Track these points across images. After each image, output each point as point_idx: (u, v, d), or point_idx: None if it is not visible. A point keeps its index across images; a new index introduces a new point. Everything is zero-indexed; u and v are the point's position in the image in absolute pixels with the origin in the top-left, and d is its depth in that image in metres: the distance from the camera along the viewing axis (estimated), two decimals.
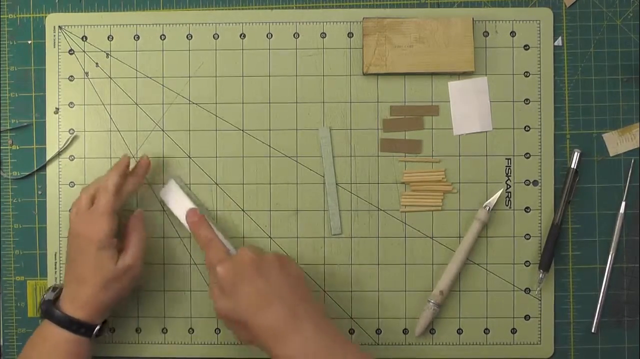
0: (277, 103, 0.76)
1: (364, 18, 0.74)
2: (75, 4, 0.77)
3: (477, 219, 0.73)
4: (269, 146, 0.76)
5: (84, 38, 0.76)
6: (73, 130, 0.76)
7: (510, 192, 0.75)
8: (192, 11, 0.77)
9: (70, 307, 0.67)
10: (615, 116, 0.75)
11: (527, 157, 0.75)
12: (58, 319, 0.67)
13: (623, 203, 0.75)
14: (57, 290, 0.69)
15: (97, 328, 0.68)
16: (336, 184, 0.75)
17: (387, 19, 0.74)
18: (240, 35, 0.76)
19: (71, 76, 0.76)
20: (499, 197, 0.75)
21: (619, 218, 0.74)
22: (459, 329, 0.75)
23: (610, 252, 0.74)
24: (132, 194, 0.73)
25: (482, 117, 0.75)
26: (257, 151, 0.76)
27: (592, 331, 0.75)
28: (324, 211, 0.75)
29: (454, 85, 0.75)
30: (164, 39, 0.76)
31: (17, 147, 0.77)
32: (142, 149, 0.76)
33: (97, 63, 0.76)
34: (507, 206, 0.75)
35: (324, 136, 0.75)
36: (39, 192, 0.76)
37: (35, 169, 0.76)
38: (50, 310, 0.67)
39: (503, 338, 0.75)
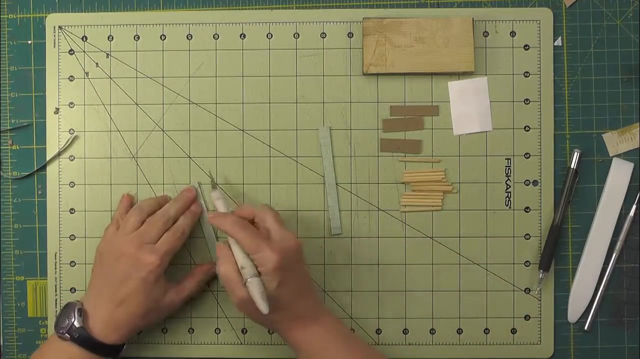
0: (277, 103, 0.76)
1: (364, 18, 0.74)
2: (75, 4, 0.77)
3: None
4: (269, 146, 0.76)
5: (84, 38, 0.76)
6: (73, 130, 0.76)
7: (510, 192, 0.75)
8: (192, 11, 0.77)
9: (103, 330, 0.67)
10: (615, 116, 0.75)
11: (527, 157, 0.75)
12: (90, 345, 0.66)
13: (622, 203, 0.75)
14: (82, 311, 0.67)
15: (124, 347, 0.69)
16: (336, 184, 0.75)
17: (387, 19, 0.74)
18: (240, 35, 0.76)
19: (71, 76, 0.76)
20: (499, 196, 0.75)
21: (627, 219, 0.74)
22: (459, 329, 0.75)
23: (615, 252, 0.74)
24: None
25: (482, 117, 0.75)
26: (257, 151, 0.76)
27: (586, 328, 0.75)
28: (324, 211, 0.75)
29: (453, 85, 0.75)
30: (164, 39, 0.76)
31: (17, 147, 0.77)
32: (142, 149, 0.76)
33: (97, 63, 0.76)
34: (507, 206, 0.75)
35: (324, 136, 0.75)
36: (39, 192, 0.76)
37: (35, 169, 0.76)
38: (83, 336, 0.66)
39: (503, 338, 0.75)
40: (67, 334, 0.66)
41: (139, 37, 0.76)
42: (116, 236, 0.69)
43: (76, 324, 0.66)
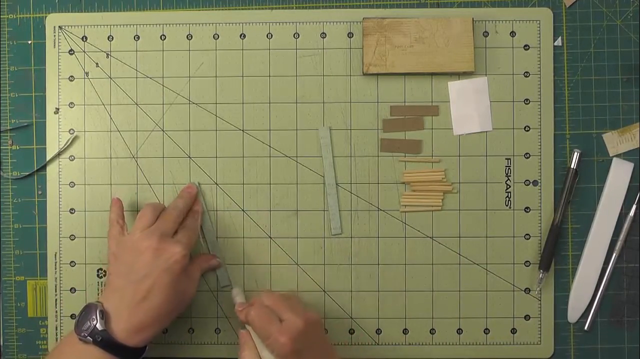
0: (277, 103, 0.76)
1: (364, 18, 0.74)
2: (75, 4, 0.77)
3: None
4: (269, 146, 0.76)
5: (84, 38, 0.76)
6: (73, 130, 0.76)
7: (510, 192, 0.75)
8: (192, 11, 0.77)
9: (125, 332, 0.65)
10: (615, 116, 0.75)
11: (527, 157, 0.75)
12: (113, 349, 0.64)
13: (622, 203, 0.75)
14: (103, 312, 0.65)
15: (146, 349, 0.67)
16: (336, 184, 0.75)
17: (387, 19, 0.74)
18: (240, 35, 0.76)
19: (71, 76, 0.76)
20: (499, 196, 0.75)
21: (627, 219, 0.74)
22: (459, 329, 0.75)
23: (615, 252, 0.74)
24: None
25: (482, 117, 0.75)
26: (257, 151, 0.76)
27: (585, 328, 0.75)
28: (324, 211, 0.75)
29: (453, 86, 0.75)
30: (164, 39, 0.76)
31: (17, 147, 0.77)
32: (142, 149, 0.76)
33: (97, 63, 0.76)
34: (507, 206, 0.75)
35: (324, 136, 0.75)
36: (39, 192, 0.76)
37: (35, 169, 0.76)
38: (106, 339, 0.64)
39: (503, 338, 0.75)
40: (89, 338, 0.64)
41: (139, 37, 0.76)
42: (130, 234, 0.69)
43: (99, 327, 0.64)
